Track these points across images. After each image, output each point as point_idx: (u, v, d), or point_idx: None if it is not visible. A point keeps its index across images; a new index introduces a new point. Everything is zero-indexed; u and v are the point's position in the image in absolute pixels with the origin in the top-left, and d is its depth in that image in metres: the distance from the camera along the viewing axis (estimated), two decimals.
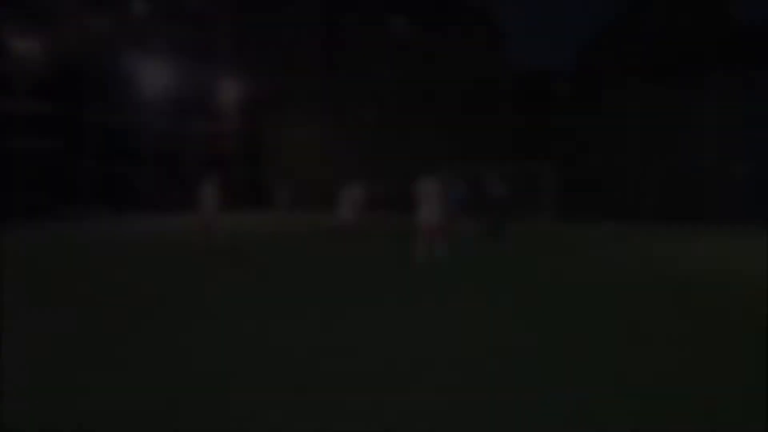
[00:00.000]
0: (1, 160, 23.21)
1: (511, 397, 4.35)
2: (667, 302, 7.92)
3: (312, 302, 7.58)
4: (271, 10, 38.61)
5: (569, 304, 7.68)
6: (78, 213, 24.48)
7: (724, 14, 24.86)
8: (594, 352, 5.49)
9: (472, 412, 4.05)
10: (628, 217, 22.48)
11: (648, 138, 22.21)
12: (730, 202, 20.87)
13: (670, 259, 12.55)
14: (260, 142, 32.59)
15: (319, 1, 38.48)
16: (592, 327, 6.49)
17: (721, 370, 5.06)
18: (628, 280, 9.75)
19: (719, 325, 6.72)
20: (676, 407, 4.20)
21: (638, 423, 3.92)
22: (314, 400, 4.24)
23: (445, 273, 10.02)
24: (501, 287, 8.89)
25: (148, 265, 11.10)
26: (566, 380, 4.70)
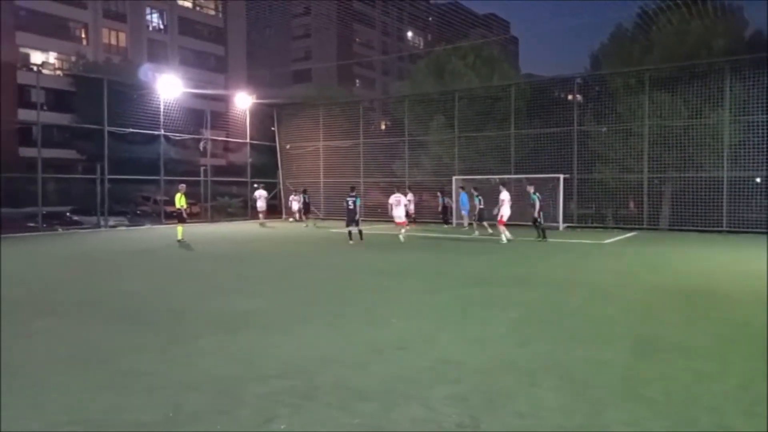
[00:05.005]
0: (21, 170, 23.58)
1: None
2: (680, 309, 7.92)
3: None
4: (284, 22, 38.89)
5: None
6: (97, 222, 24.75)
7: (737, 21, 24.70)
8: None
9: None
10: (644, 225, 22.40)
11: (663, 146, 22.13)
12: (746, 211, 20.70)
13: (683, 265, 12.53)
14: (274, 152, 32.81)
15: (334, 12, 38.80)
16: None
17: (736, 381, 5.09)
18: (636, 284, 9.77)
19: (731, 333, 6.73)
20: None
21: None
22: None
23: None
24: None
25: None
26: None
